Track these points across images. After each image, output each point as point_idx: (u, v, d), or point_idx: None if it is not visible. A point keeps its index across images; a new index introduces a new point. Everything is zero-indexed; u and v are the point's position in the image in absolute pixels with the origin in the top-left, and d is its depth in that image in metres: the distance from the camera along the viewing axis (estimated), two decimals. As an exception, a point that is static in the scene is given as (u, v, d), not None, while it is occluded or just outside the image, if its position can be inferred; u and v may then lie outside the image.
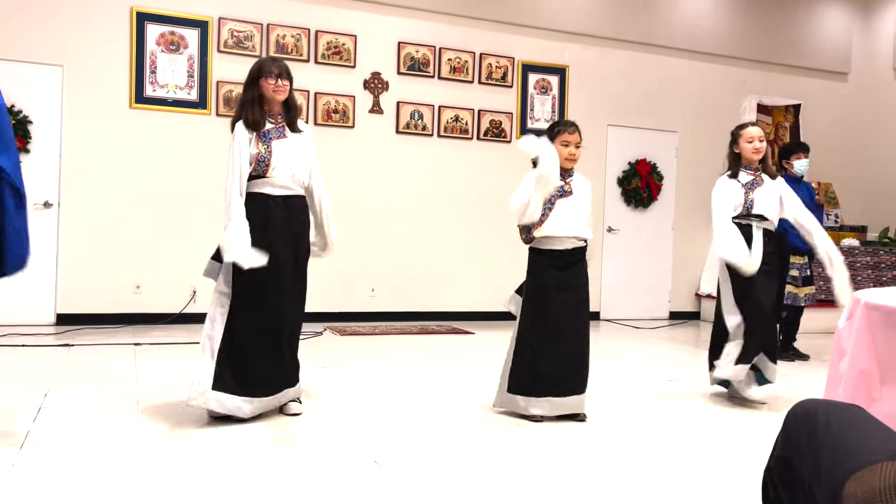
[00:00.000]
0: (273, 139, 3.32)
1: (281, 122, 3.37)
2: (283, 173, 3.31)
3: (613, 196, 7.95)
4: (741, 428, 3.56)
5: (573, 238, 3.54)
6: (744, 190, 4.02)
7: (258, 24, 6.55)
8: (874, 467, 1.25)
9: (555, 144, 3.52)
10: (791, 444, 1.46)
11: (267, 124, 3.33)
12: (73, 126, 6.05)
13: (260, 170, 3.29)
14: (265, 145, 3.29)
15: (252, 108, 3.31)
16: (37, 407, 3.41)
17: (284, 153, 3.33)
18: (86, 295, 6.07)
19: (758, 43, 8.45)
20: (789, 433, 1.48)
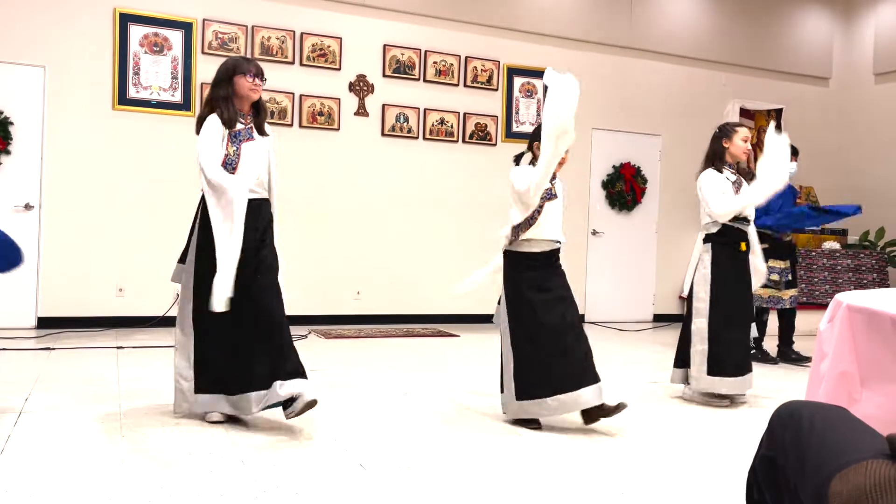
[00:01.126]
0: (243, 141, 3.27)
1: (250, 124, 3.34)
2: (249, 177, 3.26)
3: (598, 199, 7.99)
4: (725, 428, 3.59)
5: (553, 241, 3.55)
6: (733, 189, 4.05)
7: (243, 26, 6.52)
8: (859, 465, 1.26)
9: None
10: (776, 444, 1.48)
11: (238, 124, 3.28)
12: (55, 128, 5.99)
13: (227, 171, 3.22)
14: (235, 147, 3.25)
15: (226, 105, 3.25)
16: (18, 411, 3.37)
17: (251, 156, 3.29)
18: (67, 298, 6.00)
19: (740, 47, 8.53)
20: (774, 433, 1.50)
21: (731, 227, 4.04)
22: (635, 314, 8.16)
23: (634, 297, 8.17)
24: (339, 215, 6.74)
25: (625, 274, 8.10)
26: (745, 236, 4.09)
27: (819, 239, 8.14)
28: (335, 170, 6.81)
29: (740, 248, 4.06)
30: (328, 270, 6.67)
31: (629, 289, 8.14)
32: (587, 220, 7.89)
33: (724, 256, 4.04)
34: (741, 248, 4.06)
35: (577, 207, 7.77)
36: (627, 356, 5.76)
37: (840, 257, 7.78)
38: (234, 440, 3.05)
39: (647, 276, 8.21)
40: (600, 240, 7.96)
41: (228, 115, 3.24)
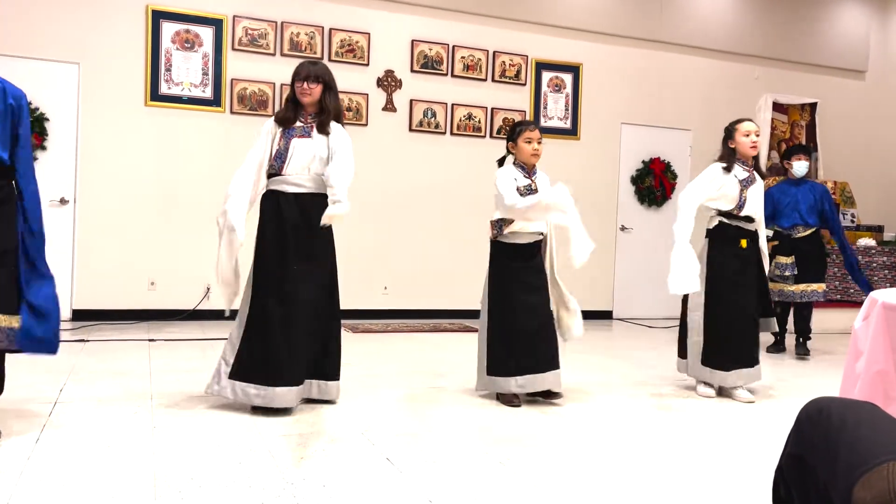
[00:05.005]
0: (294, 137, 3.39)
1: (310, 122, 3.44)
2: (298, 171, 3.36)
3: (627, 195, 7.92)
4: (752, 426, 3.54)
5: (535, 233, 3.77)
6: (740, 186, 4.00)
7: (272, 22, 6.57)
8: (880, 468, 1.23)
9: (518, 142, 3.77)
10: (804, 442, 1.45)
11: (297, 122, 3.41)
12: (89, 123, 6.10)
13: (276, 166, 3.39)
14: (285, 142, 3.38)
15: (287, 105, 3.45)
16: (52, 401, 3.44)
17: (302, 151, 3.37)
18: (101, 291, 6.11)
19: (773, 40, 8.39)
20: (802, 430, 1.47)
21: (729, 225, 4.03)
22: (664, 311, 8.07)
23: (663, 293, 8.03)
24: (367, 210, 6.77)
25: (654, 270, 7.99)
26: (745, 234, 4.05)
27: (854, 235, 7.97)
28: (363, 165, 6.77)
29: (741, 245, 4.03)
30: (356, 265, 6.69)
31: (658, 285, 8.00)
32: (615, 216, 7.82)
33: (721, 252, 4.05)
34: (742, 244, 4.03)
35: (605, 203, 7.71)
36: (656, 352, 5.70)
37: (876, 254, 7.62)
38: (262, 432, 3.08)
39: (677, 273, 8.11)
40: (629, 235, 7.89)
41: (284, 115, 3.43)
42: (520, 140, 3.77)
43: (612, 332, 7.01)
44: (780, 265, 5.65)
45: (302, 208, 3.37)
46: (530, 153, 3.76)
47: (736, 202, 4.00)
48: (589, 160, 7.55)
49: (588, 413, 3.65)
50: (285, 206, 3.36)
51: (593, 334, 6.52)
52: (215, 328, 5.87)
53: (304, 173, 3.38)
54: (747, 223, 4.06)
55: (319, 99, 3.44)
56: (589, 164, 7.54)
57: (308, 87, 3.39)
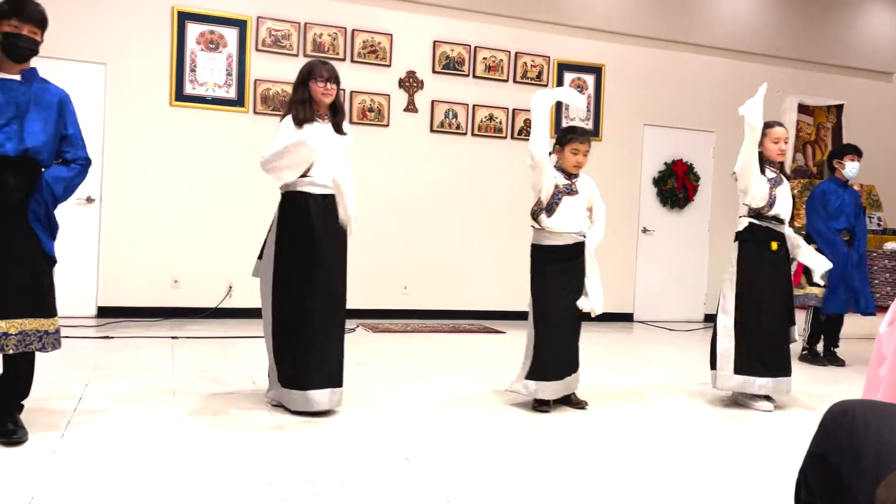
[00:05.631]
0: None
1: (327, 123, 3.45)
2: (324, 172, 3.37)
3: (649, 196, 7.87)
4: (770, 431, 3.50)
5: (574, 233, 3.72)
6: (769, 185, 3.96)
7: (296, 24, 6.62)
8: None
9: (565, 150, 3.73)
10: (828, 442, 1.44)
11: (315, 121, 3.41)
12: (115, 123, 6.18)
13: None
14: None
15: (302, 107, 3.39)
16: (78, 396, 3.50)
17: (327, 153, 3.38)
18: (126, 288, 6.20)
19: (799, 42, 8.29)
20: (826, 431, 1.46)
21: (760, 226, 3.97)
22: (686, 314, 8.02)
23: (685, 296, 8.03)
24: (388, 210, 6.79)
25: (675, 273, 7.97)
26: (776, 236, 3.99)
27: (880, 239, 7.85)
28: (384, 165, 6.86)
29: (771, 248, 3.97)
30: (376, 265, 6.72)
31: (680, 288, 8.00)
32: (637, 218, 7.78)
33: (751, 254, 3.97)
34: (772, 247, 3.97)
35: (626, 204, 7.67)
36: (676, 356, 5.67)
37: (903, 258, 7.49)
38: (282, 430, 3.11)
39: (699, 276, 8.06)
40: (650, 238, 7.85)
41: (304, 116, 3.37)
42: (567, 148, 3.72)
43: (632, 335, 6.97)
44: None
45: (327, 210, 3.39)
46: (573, 164, 3.72)
47: (766, 199, 3.96)
48: (611, 161, 7.51)
49: (611, 417, 3.64)
50: (314, 207, 3.36)
51: (614, 336, 6.49)
52: (237, 326, 5.93)
53: (328, 175, 3.40)
54: (777, 224, 4.00)
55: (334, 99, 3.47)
56: (611, 166, 7.50)
57: (330, 88, 3.41)
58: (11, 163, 2.72)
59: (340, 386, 3.41)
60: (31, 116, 2.76)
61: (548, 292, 3.70)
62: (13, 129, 2.72)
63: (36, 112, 2.77)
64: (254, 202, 6.37)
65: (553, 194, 3.68)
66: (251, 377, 4.08)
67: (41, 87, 2.84)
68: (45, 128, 2.79)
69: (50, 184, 2.82)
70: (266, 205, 5.70)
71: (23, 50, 2.75)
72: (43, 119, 2.79)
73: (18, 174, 2.74)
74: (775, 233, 3.99)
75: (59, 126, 2.85)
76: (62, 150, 2.90)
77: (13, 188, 2.73)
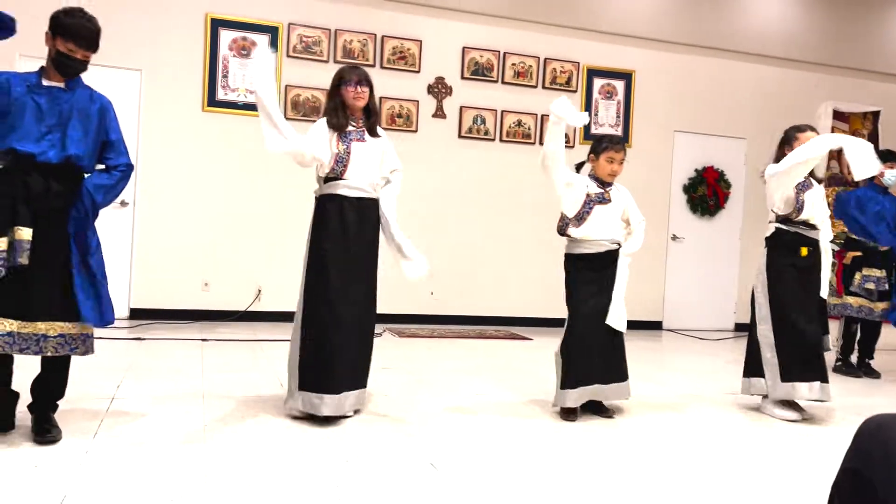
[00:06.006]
0: (353, 140, 3.42)
1: (362, 127, 3.47)
2: (359, 175, 3.40)
3: (679, 204, 7.80)
4: (802, 443, 3.44)
5: (607, 241, 3.69)
6: (795, 190, 3.89)
7: (326, 30, 6.68)
8: None
9: (600, 158, 3.73)
10: (862, 456, 1.41)
11: (349, 127, 3.43)
12: (149, 128, 6.29)
13: (337, 170, 3.39)
14: (345, 145, 3.39)
15: (336, 113, 3.42)
16: (110, 397, 3.56)
17: (362, 156, 3.41)
18: (157, 291, 6.29)
19: (834, 46, 8.16)
20: (861, 446, 1.43)
21: (787, 231, 3.91)
22: (716, 322, 7.92)
23: (715, 305, 7.93)
24: (416, 216, 6.81)
25: (705, 281, 7.87)
26: (806, 241, 3.91)
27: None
28: (412, 171, 6.80)
29: (800, 253, 3.90)
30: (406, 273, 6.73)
31: (710, 296, 7.90)
32: (667, 225, 7.71)
33: (780, 260, 3.92)
34: (801, 252, 3.90)
35: (656, 212, 7.60)
36: (705, 365, 5.60)
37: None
38: (308, 434, 3.13)
39: (729, 284, 7.96)
40: (680, 245, 7.77)
41: (338, 121, 3.41)
42: (602, 157, 3.71)
43: (661, 344, 6.90)
44: (871, 278, 5.29)
45: (363, 213, 3.41)
46: (608, 172, 3.71)
47: (793, 205, 3.89)
48: (640, 168, 7.45)
49: (638, 427, 3.60)
50: (349, 210, 3.38)
51: (642, 345, 6.43)
52: (266, 329, 5.99)
53: (364, 178, 3.42)
54: (808, 229, 3.93)
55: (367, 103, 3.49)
56: (640, 172, 7.44)
57: (362, 91, 3.43)
58: (54, 169, 2.79)
59: (360, 388, 3.41)
60: (73, 124, 2.82)
61: (578, 301, 3.68)
62: (56, 137, 2.78)
63: (78, 119, 2.83)
64: (282, 207, 6.44)
65: (584, 203, 3.67)
66: (279, 381, 4.12)
67: (84, 94, 2.90)
68: (86, 135, 2.85)
69: (91, 192, 2.87)
70: (296, 210, 5.78)
71: (73, 70, 2.82)
72: (84, 126, 2.85)
73: (61, 180, 2.81)
74: (805, 238, 3.92)
75: (100, 133, 2.91)
76: (104, 157, 2.95)
77: (55, 194, 2.80)
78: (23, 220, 2.72)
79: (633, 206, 3.82)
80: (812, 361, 3.87)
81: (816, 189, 3.97)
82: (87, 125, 2.86)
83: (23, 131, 2.74)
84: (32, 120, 2.75)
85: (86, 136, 2.85)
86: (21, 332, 2.72)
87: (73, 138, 2.81)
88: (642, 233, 3.81)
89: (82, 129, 2.84)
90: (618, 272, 3.69)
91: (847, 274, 5.47)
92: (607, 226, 3.69)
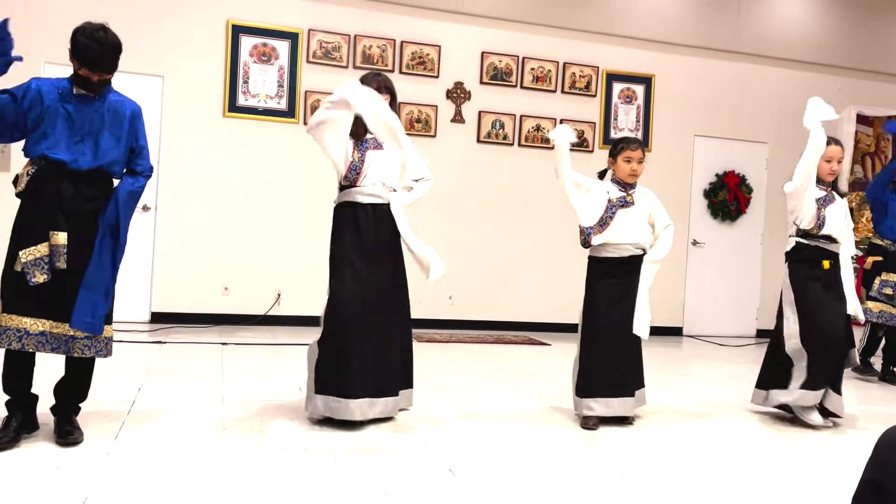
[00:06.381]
0: (369, 149, 3.44)
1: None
2: (373, 182, 3.42)
3: (699, 208, 7.74)
4: (822, 451, 3.39)
5: (631, 245, 3.66)
6: (816, 205, 3.83)
7: (346, 36, 6.72)
8: None
9: (618, 159, 3.72)
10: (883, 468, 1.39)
11: (367, 135, 3.44)
12: (171, 133, 6.36)
13: (351, 178, 3.42)
14: (360, 154, 3.42)
15: (355, 119, 3.40)
16: (131, 400, 3.59)
17: (376, 163, 3.43)
18: (178, 295, 6.35)
19: (857, 49, 8.06)
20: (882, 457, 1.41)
21: (808, 245, 3.86)
22: (737, 328, 7.84)
23: (736, 310, 7.85)
24: (434, 220, 6.81)
25: (726, 286, 7.80)
26: (827, 254, 3.87)
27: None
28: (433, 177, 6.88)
29: (822, 266, 3.85)
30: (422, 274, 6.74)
31: (731, 302, 7.82)
32: (687, 230, 7.65)
33: (801, 274, 3.87)
34: (823, 265, 3.85)
35: (676, 216, 7.50)
36: (726, 372, 5.54)
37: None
38: (327, 439, 3.13)
39: (751, 290, 7.87)
40: (701, 250, 7.70)
41: (355, 129, 3.41)
42: (619, 157, 3.71)
43: (681, 350, 6.84)
44: (889, 283, 5.25)
45: (378, 219, 3.42)
46: (628, 172, 3.69)
47: (815, 221, 3.84)
48: (660, 172, 7.40)
49: (657, 434, 3.58)
50: (362, 216, 3.39)
51: (662, 351, 6.38)
52: (286, 333, 6.02)
53: (379, 185, 3.43)
54: (828, 243, 3.88)
55: None
56: (660, 177, 7.38)
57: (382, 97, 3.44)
58: (85, 175, 2.85)
59: (387, 396, 3.39)
60: (104, 132, 2.87)
61: (598, 308, 3.65)
62: (88, 146, 2.84)
63: (109, 127, 2.89)
64: (302, 212, 6.47)
65: (606, 209, 3.65)
66: (298, 385, 4.13)
67: (115, 100, 2.94)
68: (117, 143, 2.91)
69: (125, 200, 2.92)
70: (315, 215, 5.81)
71: (94, 89, 2.86)
72: (115, 134, 2.90)
73: (92, 185, 2.88)
74: (826, 252, 3.88)
75: (130, 139, 2.96)
76: (132, 162, 3.00)
77: (87, 198, 2.86)
78: (59, 224, 2.78)
79: (659, 209, 3.78)
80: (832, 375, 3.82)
81: (838, 203, 3.92)
82: (118, 132, 2.91)
83: (55, 139, 2.79)
84: (64, 128, 2.81)
85: (117, 143, 2.91)
86: (53, 331, 2.80)
87: (105, 146, 2.87)
88: (670, 238, 3.76)
89: (113, 136, 2.90)
90: (641, 277, 3.66)
91: (867, 278, 5.42)
92: (631, 230, 3.66)
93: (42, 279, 2.74)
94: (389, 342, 3.44)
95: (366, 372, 3.33)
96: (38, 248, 2.75)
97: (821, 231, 3.84)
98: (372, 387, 3.34)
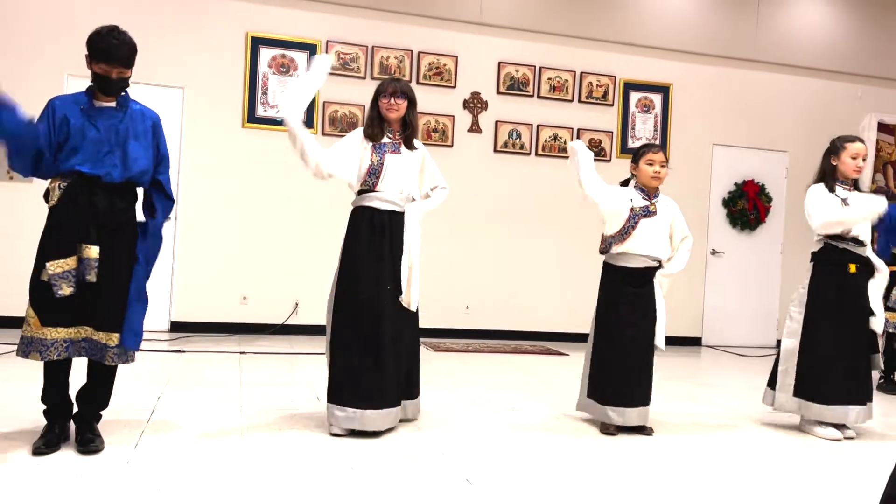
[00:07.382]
0: (387, 152, 3.44)
1: (398, 139, 3.49)
2: (392, 188, 3.42)
3: (718, 218, 7.69)
4: (847, 466, 3.34)
5: (647, 257, 3.66)
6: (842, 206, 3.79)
7: (363, 47, 6.76)
8: None
9: (640, 164, 3.72)
10: None
11: (385, 139, 3.46)
12: (191, 144, 6.43)
13: (370, 182, 3.41)
14: (378, 157, 3.41)
15: (372, 124, 3.48)
16: (151, 408, 3.62)
17: (395, 168, 3.43)
18: (197, 304, 6.40)
19: (878, 56, 7.99)
20: None
21: (836, 247, 3.80)
22: (757, 339, 7.77)
23: (756, 320, 7.78)
24: (451, 230, 6.82)
25: (746, 296, 7.73)
26: (855, 258, 3.80)
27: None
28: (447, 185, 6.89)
29: (849, 271, 3.79)
30: (439, 284, 6.75)
31: (750, 312, 7.75)
32: (706, 240, 7.60)
33: (825, 277, 3.82)
34: (850, 269, 3.79)
35: (695, 226, 7.47)
36: (746, 382, 5.48)
37: None
38: (344, 448, 3.14)
39: (771, 300, 7.80)
40: (719, 260, 7.65)
41: (372, 131, 3.46)
42: (641, 162, 3.71)
43: (700, 360, 6.78)
44: None
45: (393, 227, 3.42)
46: (650, 176, 3.69)
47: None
48: (678, 182, 7.33)
49: (677, 444, 3.54)
50: (378, 223, 3.39)
51: (681, 361, 6.34)
52: (303, 343, 6.04)
53: (397, 191, 3.44)
54: (856, 246, 3.83)
55: (404, 115, 3.49)
56: (678, 186, 7.31)
57: (395, 103, 3.44)
58: (118, 187, 2.90)
59: (397, 405, 3.38)
60: (132, 143, 2.92)
61: (613, 318, 3.65)
62: (117, 157, 2.88)
63: (135, 138, 2.93)
64: (320, 222, 6.51)
65: (628, 218, 3.64)
66: (315, 394, 4.14)
67: (136, 110, 2.99)
68: (145, 153, 2.96)
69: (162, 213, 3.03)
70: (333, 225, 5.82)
71: (113, 89, 2.90)
72: (142, 145, 2.95)
73: (124, 196, 2.94)
74: (854, 255, 3.81)
75: (154, 148, 3.02)
76: (157, 171, 3.05)
77: (120, 209, 2.91)
78: (91, 238, 2.81)
79: (679, 220, 3.76)
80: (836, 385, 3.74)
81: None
82: (145, 144, 2.96)
83: (85, 154, 2.84)
84: (93, 142, 2.85)
85: (144, 154, 2.95)
86: (92, 338, 2.85)
87: (133, 158, 2.91)
88: (687, 252, 3.74)
89: (140, 146, 2.94)
90: (656, 291, 3.66)
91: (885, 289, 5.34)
92: (652, 241, 3.65)
93: (68, 292, 2.77)
94: (398, 352, 3.40)
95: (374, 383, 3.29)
96: (66, 260, 2.78)
97: (849, 233, 3.80)
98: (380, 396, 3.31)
